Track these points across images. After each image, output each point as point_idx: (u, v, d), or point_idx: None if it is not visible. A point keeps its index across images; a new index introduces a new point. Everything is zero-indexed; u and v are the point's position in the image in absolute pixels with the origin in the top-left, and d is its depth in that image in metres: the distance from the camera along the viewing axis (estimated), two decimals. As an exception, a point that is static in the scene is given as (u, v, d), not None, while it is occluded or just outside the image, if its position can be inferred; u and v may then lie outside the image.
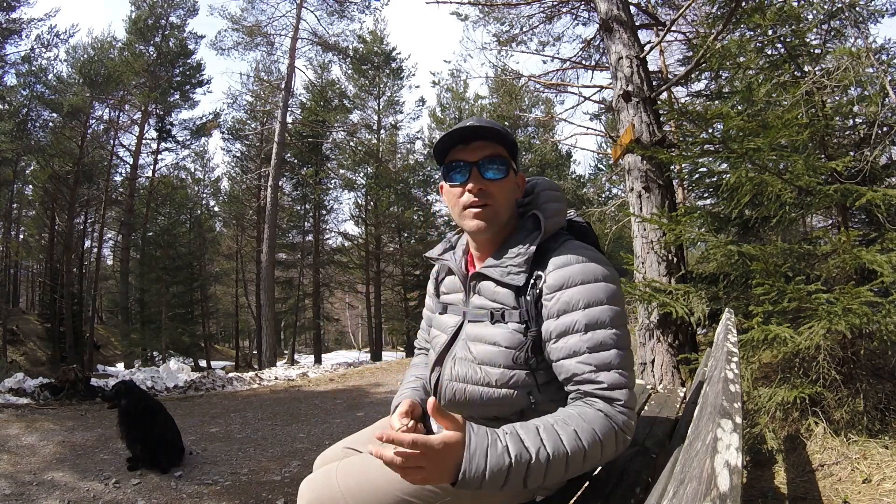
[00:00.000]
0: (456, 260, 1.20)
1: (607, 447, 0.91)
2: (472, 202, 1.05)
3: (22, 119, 16.09)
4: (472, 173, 1.05)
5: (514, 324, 1.03)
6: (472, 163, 1.06)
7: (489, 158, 1.06)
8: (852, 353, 2.59)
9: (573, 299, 0.98)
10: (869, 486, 2.04)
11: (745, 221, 3.43)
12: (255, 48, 16.71)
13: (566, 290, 0.99)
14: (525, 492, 1.09)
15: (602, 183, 19.62)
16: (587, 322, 0.96)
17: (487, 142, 1.06)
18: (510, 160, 1.09)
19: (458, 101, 20.72)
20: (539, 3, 6.64)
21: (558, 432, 0.87)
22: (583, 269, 1.00)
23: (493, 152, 1.06)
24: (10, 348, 16.93)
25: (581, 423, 0.90)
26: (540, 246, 1.05)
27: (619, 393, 0.94)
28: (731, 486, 0.51)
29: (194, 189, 23.18)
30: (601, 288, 0.98)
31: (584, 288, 0.98)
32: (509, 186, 1.08)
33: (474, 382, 1.06)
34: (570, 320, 0.97)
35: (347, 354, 24.64)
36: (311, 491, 1.09)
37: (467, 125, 1.05)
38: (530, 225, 1.10)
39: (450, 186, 1.10)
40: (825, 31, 3.59)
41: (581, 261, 1.01)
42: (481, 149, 1.06)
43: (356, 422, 4.81)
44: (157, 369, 8.58)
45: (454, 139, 1.07)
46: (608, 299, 0.98)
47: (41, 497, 2.81)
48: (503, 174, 1.06)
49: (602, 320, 0.96)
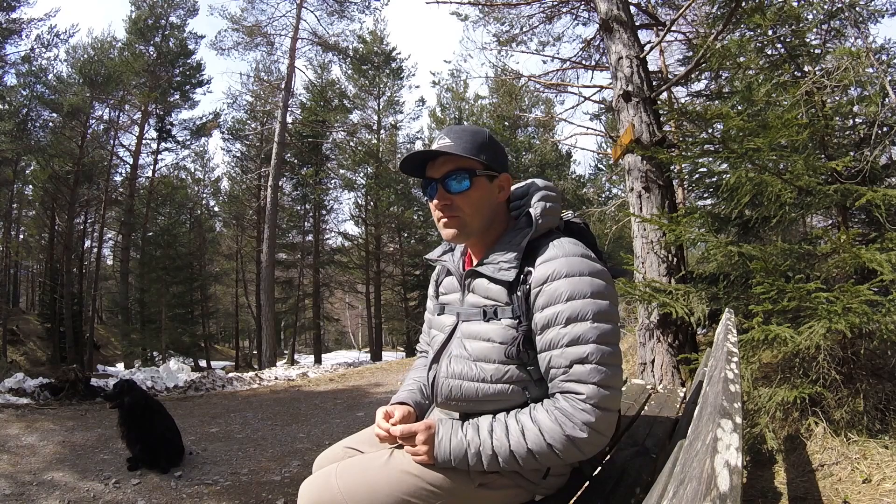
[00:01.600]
0: (454, 261, 1.23)
1: (560, 448, 0.97)
2: (440, 216, 1.13)
3: (22, 119, 16.10)
4: (438, 190, 1.13)
5: (507, 319, 1.06)
6: (437, 179, 1.13)
7: (451, 173, 1.11)
8: (852, 353, 2.58)
9: (557, 291, 1.00)
10: (869, 486, 2.04)
11: (745, 221, 3.43)
12: (255, 48, 16.70)
13: (551, 283, 1.01)
14: (521, 491, 1.11)
15: (602, 183, 19.64)
16: (569, 315, 0.98)
17: (452, 156, 1.11)
18: (480, 169, 1.12)
19: (458, 101, 20.73)
20: (539, 3, 6.64)
21: (508, 427, 1.02)
22: (568, 262, 1.02)
23: (455, 166, 1.11)
24: (10, 348, 16.93)
25: (528, 422, 1.00)
26: (532, 243, 1.08)
27: (586, 388, 0.96)
28: (731, 486, 0.51)
29: (194, 189, 23.18)
30: (585, 282, 1.00)
31: (567, 281, 1.00)
32: (478, 195, 1.12)
33: (470, 379, 1.08)
34: (552, 313, 1.00)
35: (347, 354, 24.64)
36: (311, 492, 1.10)
37: (418, 151, 1.15)
38: (523, 223, 1.13)
39: (427, 201, 1.18)
40: (825, 31, 3.59)
41: (567, 255, 1.03)
42: (444, 164, 1.12)
43: (356, 422, 4.80)
44: (157, 369, 8.58)
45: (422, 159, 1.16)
46: (592, 293, 0.99)
47: (41, 497, 2.81)
48: (466, 186, 1.11)
49: (583, 313, 0.98)
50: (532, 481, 1.09)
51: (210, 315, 23.05)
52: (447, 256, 1.26)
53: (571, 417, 0.96)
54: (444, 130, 1.14)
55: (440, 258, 1.27)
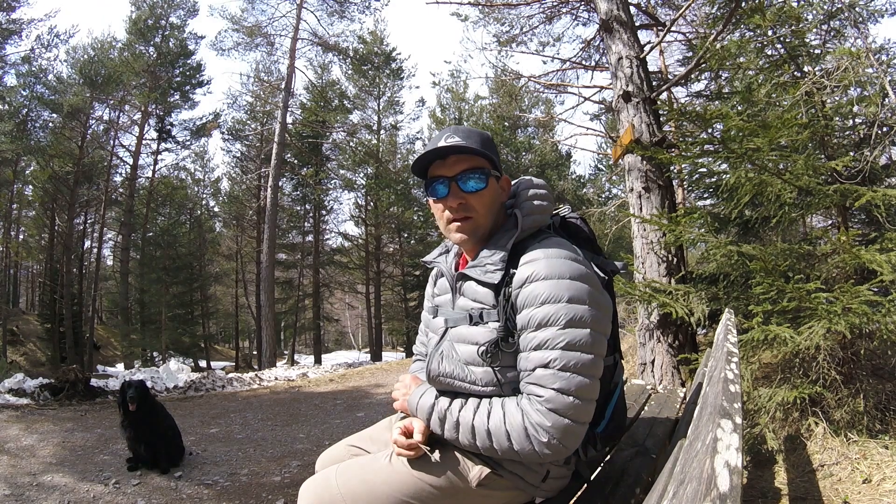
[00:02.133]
0: (448, 263, 1.22)
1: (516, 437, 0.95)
2: (453, 217, 1.08)
3: (22, 119, 16.07)
4: (451, 188, 1.08)
5: (493, 322, 1.04)
6: (451, 177, 1.08)
7: (467, 171, 1.07)
8: (852, 353, 2.58)
9: (533, 293, 0.97)
10: (869, 487, 2.04)
11: (745, 222, 3.43)
12: (255, 49, 16.72)
13: (529, 285, 0.98)
14: (521, 493, 1.11)
15: (602, 183, 19.64)
16: (539, 319, 0.95)
17: (464, 154, 1.07)
18: (490, 168, 1.09)
19: (458, 101, 20.72)
20: (539, 4, 6.64)
21: (479, 406, 1.02)
22: (548, 264, 0.99)
23: (471, 165, 1.07)
24: (10, 349, 16.92)
25: (497, 407, 1.00)
26: (519, 244, 1.06)
27: (545, 392, 0.93)
28: (731, 486, 0.51)
29: (194, 189, 23.17)
30: (563, 285, 0.96)
31: (545, 283, 0.97)
32: (490, 195, 1.09)
33: (461, 380, 1.07)
34: (526, 315, 0.97)
35: (347, 355, 24.65)
36: (312, 493, 1.10)
37: (439, 146, 1.06)
38: (510, 224, 1.10)
39: (434, 202, 1.12)
40: (825, 31, 3.59)
41: (549, 256, 1.00)
42: (458, 163, 1.08)
43: (356, 422, 4.80)
44: (157, 370, 8.58)
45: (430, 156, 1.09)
46: (569, 297, 0.95)
47: (41, 498, 2.81)
48: (483, 185, 1.07)
49: (555, 318, 0.94)
50: (532, 483, 1.09)
51: (210, 315, 23.06)
52: (442, 258, 1.25)
53: (529, 416, 0.95)
54: (450, 129, 1.10)
55: (434, 260, 1.25)
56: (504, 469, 1.07)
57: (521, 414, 0.95)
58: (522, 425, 0.94)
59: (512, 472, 1.07)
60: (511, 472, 1.07)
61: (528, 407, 0.95)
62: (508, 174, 1.20)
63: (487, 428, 0.98)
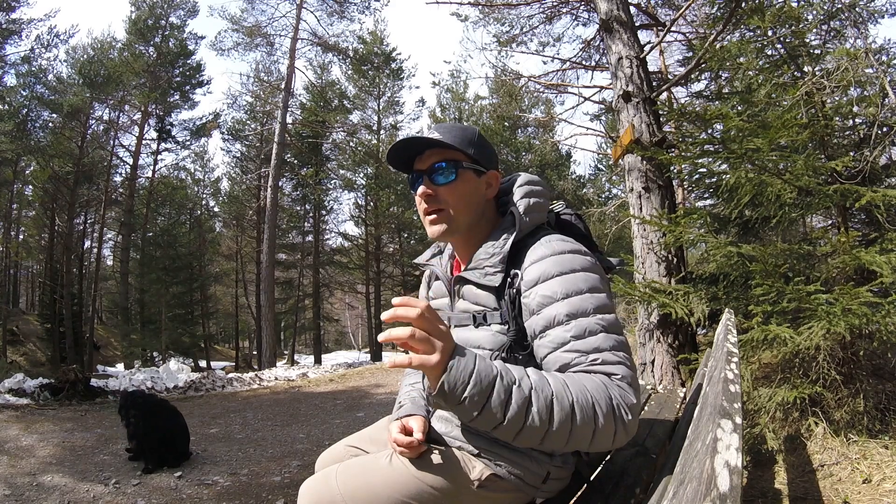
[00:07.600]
0: (442, 265, 1.20)
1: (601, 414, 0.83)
2: (426, 209, 1.08)
3: (22, 119, 16.05)
4: (424, 181, 1.08)
5: (497, 325, 1.02)
6: (423, 171, 1.08)
7: (437, 164, 1.07)
8: (852, 354, 2.58)
9: (551, 291, 0.95)
10: (869, 487, 2.04)
11: (745, 222, 3.44)
12: (255, 49, 16.74)
13: (543, 284, 0.97)
14: (522, 494, 1.09)
15: (602, 183, 19.65)
16: (568, 312, 0.93)
17: (439, 148, 1.07)
18: (468, 162, 1.08)
19: (458, 101, 20.73)
20: (539, 4, 6.65)
21: (548, 377, 0.85)
22: (559, 260, 0.98)
23: (442, 157, 1.07)
24: (10, 349, 16.91)
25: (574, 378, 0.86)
26: (517, 243, 1.04)
27: (615, 368, 0.89)
28: (731, 486, 0.51)
29: (194, 189, 23.15)
30: (580, 277, 0.96)
31: (561, 279, 0.96)
32: (465, 189, 1.07)
33: None
34: (551, 313, 0.94)
35: (347, 355, 24.61)
36: (311, 493, 1.09)
37: (409, 137, 1.06)
38: (507, 223, 1.09)
39: (416, 197, 1.11)
40: (825, 31, 3.60)
41: (557, 252, 0.99)
42: (431, 156, 1.08)
43: (356, 422, 4.80)
44: (157, 370, 8.58)
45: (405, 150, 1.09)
46: (588, 288, 0.95)
47: (40, 498, 2.81)
48: (452, 177, 1.06)
49: (584, 308, 0.93)
50: (533, 485, 1.09)
51: (210, 315, 23.03)
52: (435, 260, 1.23)
53: (611, 388, 0.86)
54: (433, 126, 1.10)
55: (428, 262, 1.23)
56: (505, 470, 1.07)
57: (604, 385, 0.86)
58: (608, 394, 0.85)
59: (513, 472, 1.06)
60: (512, 473, 1.06)
61: (609, 383, 0.87)
62: (509, 174, 1.19)
63: (571, 402, 0.82)
